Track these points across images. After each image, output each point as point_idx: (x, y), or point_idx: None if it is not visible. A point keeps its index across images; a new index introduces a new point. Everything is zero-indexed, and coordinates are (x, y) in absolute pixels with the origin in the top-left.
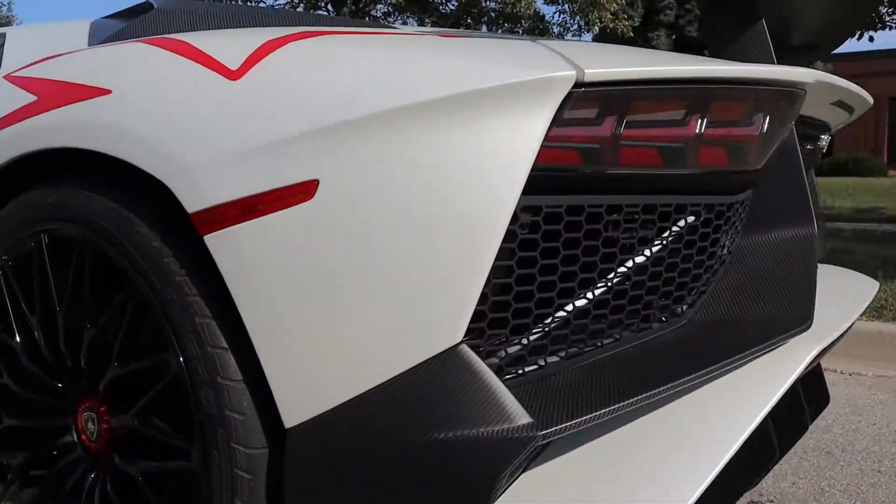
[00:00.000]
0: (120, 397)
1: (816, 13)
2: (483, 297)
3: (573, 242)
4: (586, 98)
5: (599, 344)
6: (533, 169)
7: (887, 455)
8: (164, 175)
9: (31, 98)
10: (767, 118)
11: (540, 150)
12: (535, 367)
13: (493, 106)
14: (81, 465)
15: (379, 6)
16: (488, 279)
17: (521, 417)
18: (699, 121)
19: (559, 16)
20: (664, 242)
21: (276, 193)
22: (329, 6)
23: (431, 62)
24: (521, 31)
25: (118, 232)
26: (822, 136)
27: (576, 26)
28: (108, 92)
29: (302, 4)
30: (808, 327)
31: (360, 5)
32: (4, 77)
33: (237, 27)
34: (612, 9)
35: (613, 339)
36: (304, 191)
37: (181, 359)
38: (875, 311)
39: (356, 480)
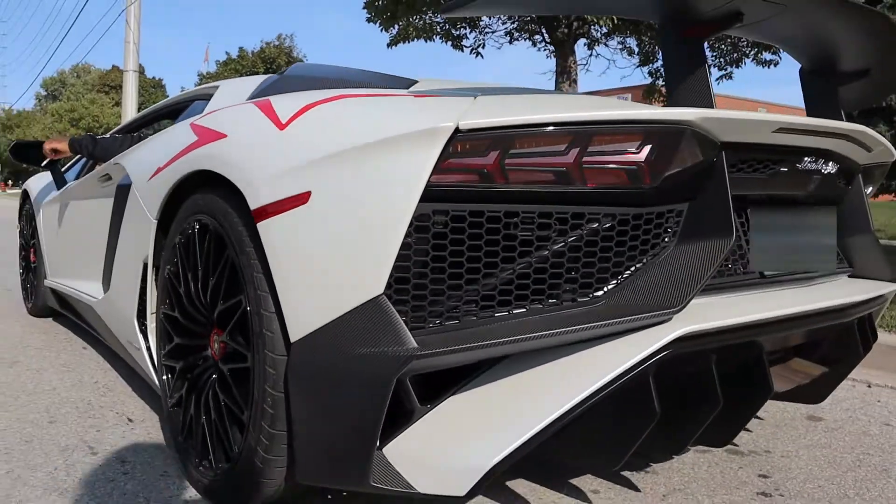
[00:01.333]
0: (224, 324)
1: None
2: (405, 269)
3: (477, 236)
4: (469, 139)
5: (508, 312)
6: (431, 186)
7: None
8: (242, 186)
9: (195, 138)
10: (654, 148)
11: (432, 174)
12: (455, 321)
13: (406, 144)
14: (210, 370)
15: (595, 27)
16: (409, 256)
17: (410, 343)
18: (579, 151)
19: None
20: (566, 241)
21: (289, 199)
22: (544, 31)
23: (379, 116)
24: (746, 44)
25: (225, 220)
26: (821, 163)
27: None
28: (225, 136)
29: (515, 30)
30: (678, 311)
31: (573, 28)
32: (190, 124)
33: (324, 88)
34: None
35: (524, 310)
36: (304, 198)
37: (246, 298)
38: None
39: (322, 373)
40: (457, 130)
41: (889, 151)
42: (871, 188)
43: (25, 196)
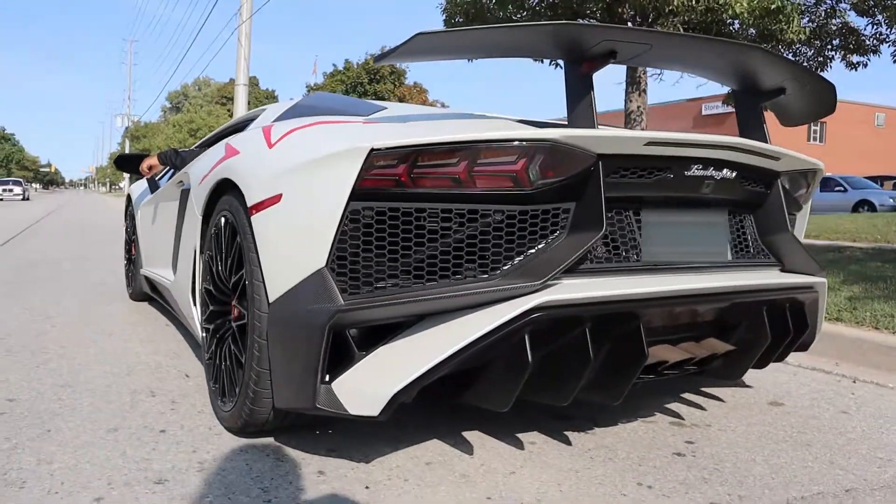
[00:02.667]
0: (236, 291)
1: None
2: (343, 249)
3: (395, 226)
4: (383, 155)
5: (424, 283)
6: (358, 189)
7: (839, 449)
8: (244, 190)
9: (224, 154)
10: (528, 160)
11: (358, 180)
12: (381, 287)
13: (340, 158)
14: (229, 329)
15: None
16: (345, 240)
17: (339, 301)
18: (468, 163)
19: (872, 27)
20: (465, 231)
21: (269, 199)
22: None
23: (330, 138)
24: (831, 47)
25: (237, 215)
26: (712, 170)
27: (893, 36)
28: (239, 153)
29: None
30: (540, 287)
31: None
32: (225, 142)
33: (321, 114)
34: None
35: (434, 282)
36: (278, 198)
37: (245, 271)
38: None
39: (287, 324)
40: (372, 149)
41: (798, 159)
42: (803, 191)
43: (129, 199)
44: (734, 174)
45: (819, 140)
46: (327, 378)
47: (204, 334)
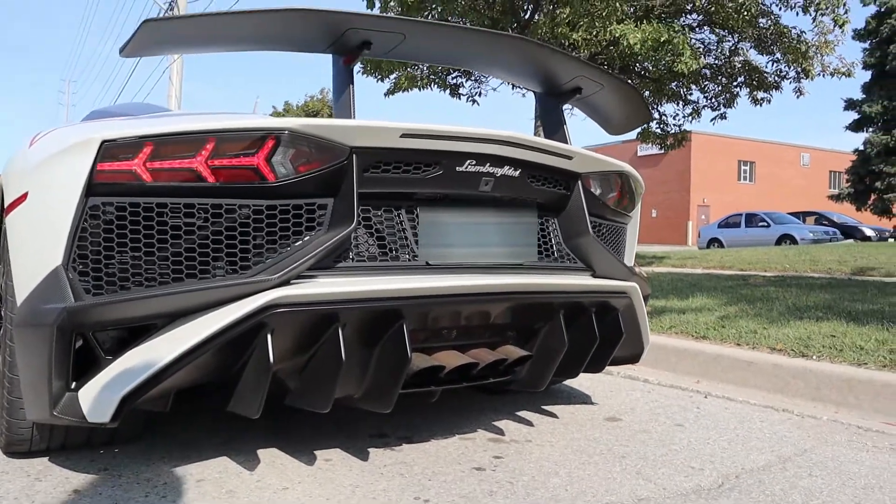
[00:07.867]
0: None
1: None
2: (84, 246)
3: (137, 223)
4: (115, 146)
5: (170, 281)
6: (95, 183)
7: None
8: (4, 191)
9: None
10: (269, 151)
11: (94, 174)
12: (121, 286)
13: (75, 151)
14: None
15: None
16: (85, 237)
17: (70, 299)
18: (204, 154)
19: (773, 65)
20: (211, 227)
21: (19, 198)
22: None
23: (75, 133)
24: (736, 84)
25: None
26: (490, 167)
27: (793, 74)
28: (11, 158)
29: None
30: (276, 284)
31: None
32: None
33: (105, 118)
34: (822, 63)
35: (181, 280)
36: (24, 197)
37: (2, 275)
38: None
39: (27, 326)
40: (104, 141)
41: (597, 160)
42: (613, 194)
43: None
44: (518, 172)
45: (749, 179)
46: (73, 385)
47: None
